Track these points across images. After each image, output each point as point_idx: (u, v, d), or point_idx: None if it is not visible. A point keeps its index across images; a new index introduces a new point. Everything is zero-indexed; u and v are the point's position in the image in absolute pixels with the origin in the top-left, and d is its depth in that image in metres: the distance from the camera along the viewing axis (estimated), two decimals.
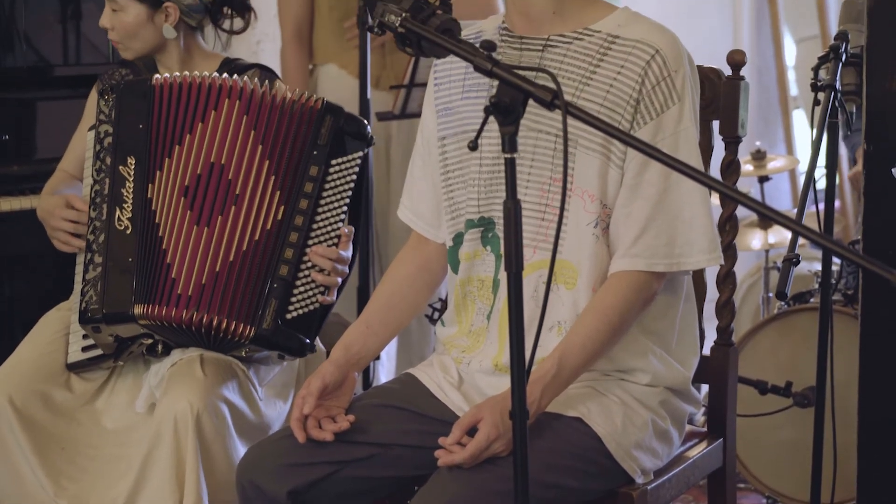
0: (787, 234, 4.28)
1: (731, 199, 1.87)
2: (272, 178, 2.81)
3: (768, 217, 1.78)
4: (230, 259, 2.78)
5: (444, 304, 3.19)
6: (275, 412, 2.89)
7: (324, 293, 2.81)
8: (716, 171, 2.66)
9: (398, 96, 3.94)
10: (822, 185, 3.25)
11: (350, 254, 2.86)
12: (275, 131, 2.83)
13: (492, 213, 2.44)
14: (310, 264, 2.80)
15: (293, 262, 2.78)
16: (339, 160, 2.84)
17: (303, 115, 2.84)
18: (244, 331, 2.76)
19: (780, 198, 6.46)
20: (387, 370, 4.35)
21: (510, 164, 1.94)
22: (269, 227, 2.80)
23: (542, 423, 2.30)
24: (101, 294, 2.76)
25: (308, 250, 2.80)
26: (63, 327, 2.94)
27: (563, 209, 1.97)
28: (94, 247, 2.81)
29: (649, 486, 2.41)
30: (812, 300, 4.05)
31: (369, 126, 2.91)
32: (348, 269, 2.87)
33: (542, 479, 2.22)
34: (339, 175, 2.84)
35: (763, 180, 4.81)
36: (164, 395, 2.73)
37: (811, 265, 4.69)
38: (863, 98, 2.73)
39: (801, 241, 3.25)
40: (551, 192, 2.37)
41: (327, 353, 2.56)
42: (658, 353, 2.43)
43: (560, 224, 1.96)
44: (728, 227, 2.68)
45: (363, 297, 3.78)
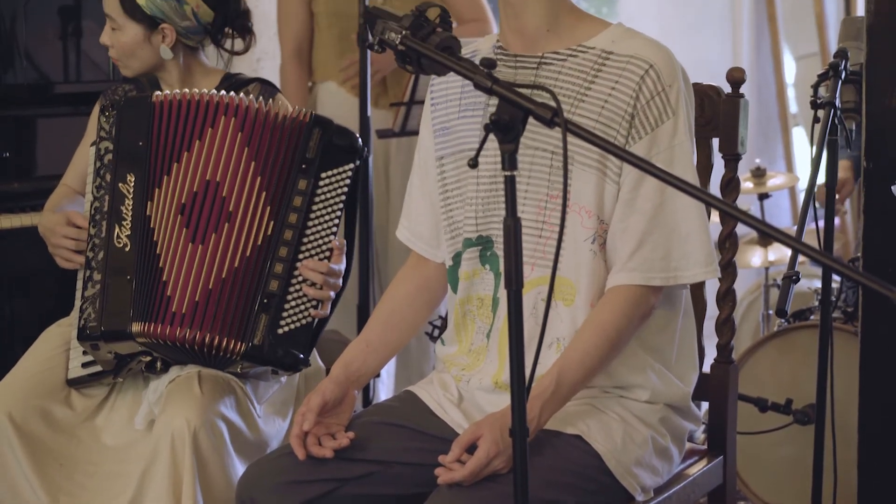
0: (787, 252, 4.28)
1: (730, 215, 1.87)
2: (263, 193, 2.81)
3: (768, 234, 1.78)
4: (222, 276, 2.78)
5: (445, 321, 3.19)
6: (273, 429, 2.89)
7: (316, 307, 2.81)
8: (716, 188, 2.66)
9: (398, 114, 3.94)
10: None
11: (343, 267, 2.86)
12: (267, 147, 2.83)
13: (490, 231, 2.44)
14: (301, 278, 2.80)
15: (283, 276, 2.78)
16: (329, 173, 2.84)
17: (292, 130, 2.84)
18: (235, 347, 2.76)
19: (780, 215, 6.47)
20: (386, 387, 4.35)
21: (510, 182, 1.94)
22: (259, 242, 2.80)
23: (541, 441, 2.30)
24: (100, 311, 2.76)
25: (299, 264, 2.80)
26: (63, 343, 2.94)
27: (562, 226, 1.97)
28: (93, 264, 2.82)
29: None
30: (812, 317, 4.05)
31: (364, 139, 2.91)
32: (342, 282, 2.87)
33: (541, 497, 2.22)
34: (330, 188, 2.84)
35: (763, 197, 4.82)
36: (161, 413, 2.73)
37: (811, 282, 4.70)
38: (862, 115, 2.73)
39: (801, 258, 3.24)
40: (548, 209, 2.37)
41: (327, 370, 2.56)
42: (657, 368, 2.43)
43: (560, 241, 1.96)
44: (728, 244, 2.68)
45: (363, 314, 3.79)
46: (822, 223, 3.08)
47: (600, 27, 2.41)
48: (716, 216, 3.32)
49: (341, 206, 2.85)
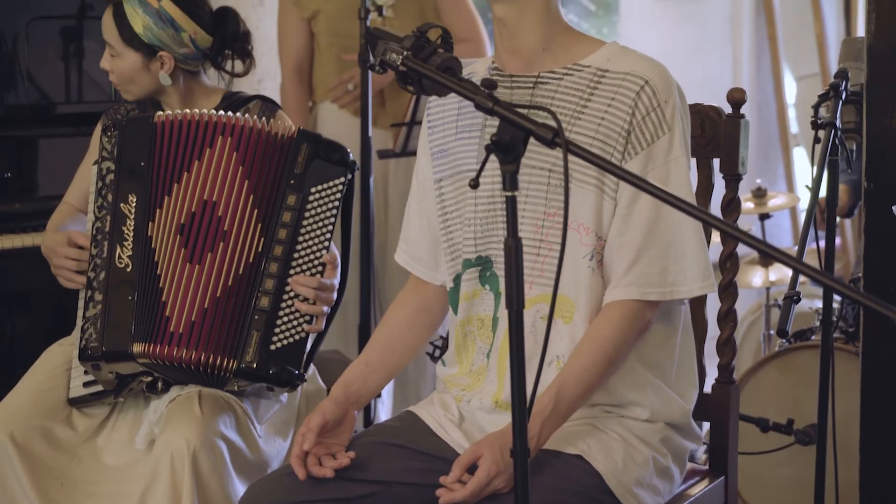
0: (788, 272, 4.28)
1: (731, 236, 1.87)
2: (255, 210, 2.82)
3: (769, 254, 1.78)
4: (217, 295, 2.78)
5: (445, 341, 3.19)
6: (274, 449, 2.89)
7: (310, 322, 2.81)
8: (716, 208, 2.66)
9: (399, 134, 3.95)
10: None
11: (336, 281, 2.86)
12: (259, 164, 2.83)
13: (489, 251, 2.44)
14: (293, 294, 2.80)
15: (274, 292, 2.78)
16: (320, 187, 2.84)
17: (282, 146, 2.85)
18: (228, 364, 2.76)
19: (781, 235, 6.47)
20: (387, 408, 4.35)
21: (511, 203, 1.94)
22: (251, 259, 2.80)
23: (542, 461, 2.30)
24: (101, 332, 2.76)
25: (290, 280, 2.80)
26: (65, 362, 2.94)
27: (563, 245, 1.97)
28: (94, 284, 2.82)
29: None
30: (813, 338, 4.05)
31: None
32: (335, 296, 2.86)
33: None
34: (320, 202, 2.84)
35: (764, 218, 4.82)
36: (161, 432, 2.73)
37: (812, 302, 4.70)
38: (863, 136, 2.74)
39: (802, 278, 3.24)
40: (545, 227, 2.37)
41: (328, 390, 2.56)
42: (656, 384, 2.42)
43: (561, 259, 1.95)
44: (729, 264, 2.68)
45: (364, 335, 3.78)
46: (822, 243, 3.08)
47: (595, 46, 2.41)
48: (717, 236, 3.32)
49: (333, 220, 2.85)
